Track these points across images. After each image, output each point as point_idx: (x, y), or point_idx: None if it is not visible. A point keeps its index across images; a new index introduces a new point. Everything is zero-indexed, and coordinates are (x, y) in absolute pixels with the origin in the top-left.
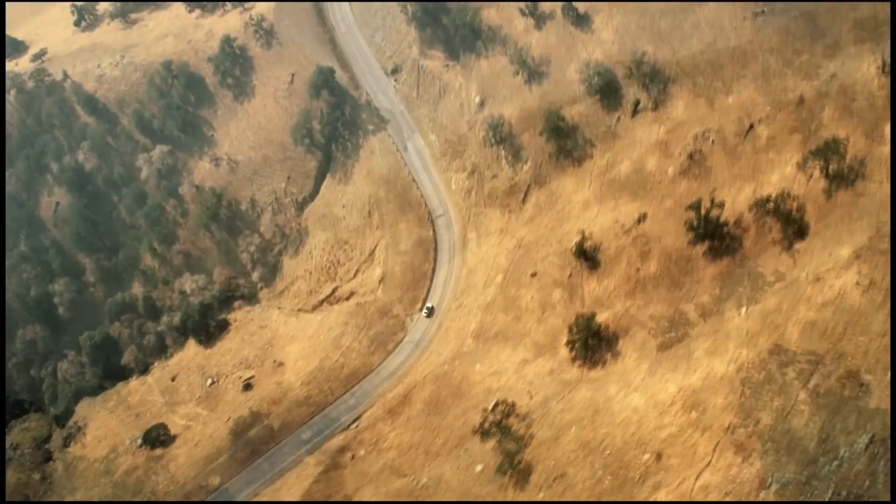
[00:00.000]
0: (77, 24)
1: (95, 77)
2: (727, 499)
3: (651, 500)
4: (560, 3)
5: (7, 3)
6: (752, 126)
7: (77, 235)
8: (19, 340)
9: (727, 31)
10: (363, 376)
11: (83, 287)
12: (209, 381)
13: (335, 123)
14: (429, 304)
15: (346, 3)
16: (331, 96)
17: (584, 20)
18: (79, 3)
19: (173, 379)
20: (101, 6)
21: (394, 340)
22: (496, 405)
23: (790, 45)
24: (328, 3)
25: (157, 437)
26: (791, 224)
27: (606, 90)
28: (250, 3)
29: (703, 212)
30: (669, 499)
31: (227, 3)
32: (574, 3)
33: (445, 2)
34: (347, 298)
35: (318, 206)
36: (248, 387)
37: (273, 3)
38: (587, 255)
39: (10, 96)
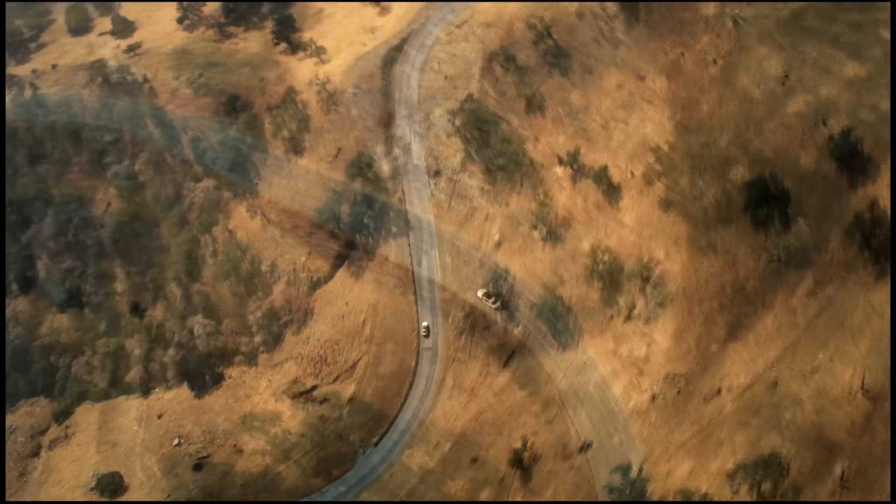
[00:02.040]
0: (180, 21)
1: (171, 90)
2: None
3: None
4: (597, 166)
5: None
6: (719, 391)
7: (117, 243)
8: (47, 325)
9: (739, 263)
10: (297, 498)
11: (111, 293)
12: (177, 439)
13: (362, 216)
14: (425, 324)
15: (415, 81)
16: (366, 185)
17: (615, 193)
18: (185, 3)
19: (160, 416)
20: (208, 7)
21: (340, 469)
22: None
23: (791, 309)
24: (399, 76)
25: (109, 486)
26: None
27: (609, 282)
28: (327, 56)
29: (630, 478)
30: None
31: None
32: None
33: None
34: (321, 403)
35: (328, 292)
36: (198, 467)
37: (345, 65)
38: (523, 466)
39: (95, 84)
